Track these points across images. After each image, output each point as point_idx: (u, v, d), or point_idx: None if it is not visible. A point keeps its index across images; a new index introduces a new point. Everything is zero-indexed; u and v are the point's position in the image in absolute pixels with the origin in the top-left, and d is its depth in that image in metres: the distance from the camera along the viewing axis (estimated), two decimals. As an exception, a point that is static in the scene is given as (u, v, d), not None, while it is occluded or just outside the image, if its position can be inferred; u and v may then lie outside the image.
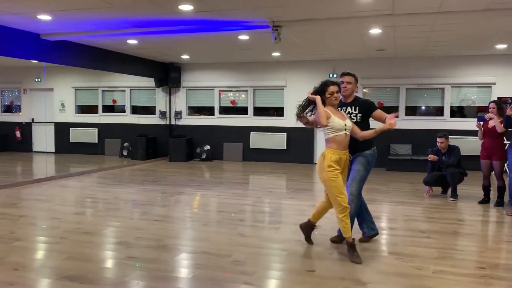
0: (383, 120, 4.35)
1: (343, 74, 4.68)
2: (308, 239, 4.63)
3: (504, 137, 6.63)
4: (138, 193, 7.50)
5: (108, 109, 13.54)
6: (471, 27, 7.46)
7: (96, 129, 13.22)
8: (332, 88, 4.24)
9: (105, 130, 13.11)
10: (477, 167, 7.01)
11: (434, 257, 4.21)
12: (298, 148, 11.77)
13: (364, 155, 4.58)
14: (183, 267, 4.03)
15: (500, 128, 6.32)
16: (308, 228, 4.64)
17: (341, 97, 4.41)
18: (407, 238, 4.89)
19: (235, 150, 12.22)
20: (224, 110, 12.60)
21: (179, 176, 9.61)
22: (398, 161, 10.58)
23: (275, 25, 7.14)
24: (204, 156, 12.29)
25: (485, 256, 4.34)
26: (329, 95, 4.24)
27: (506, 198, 6.36)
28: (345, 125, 4.20)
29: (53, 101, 13.70)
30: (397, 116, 4.38)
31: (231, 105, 12.54)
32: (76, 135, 13.44)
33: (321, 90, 4.28)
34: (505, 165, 6.51)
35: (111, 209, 6.32)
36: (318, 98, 4.18)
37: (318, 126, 4.29)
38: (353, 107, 4.58)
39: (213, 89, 12.52)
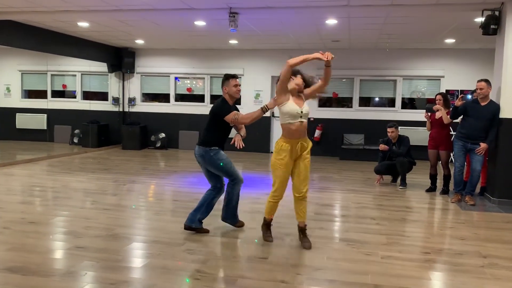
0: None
1: (236, 77, 4.66)
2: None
3: (451, 128, 6.92)
4: (88, 182, 7.26)
5: (57, 94, 12.97)
6: (422, 21, 7.68)
7: (45, 115, 12.64)
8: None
9: (54, 116, 12.56)
10: (425, 156, 7.28)
11: (383, 243, 4.34)
12: (255, 137, 11.76)
13: None
14: (134, 257, 3.94)
15: (446, 119, 6.58)
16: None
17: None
18: (357, 225, 5.01)
19: (191, 138, 12.06)
20: (180, 98, 12.40)
21: (132, 164, 9.39)
22: (350, 151, 10.83)
23: (232, 12, 7.06)
24: (158, 144, 12.06)
25: (430, 241, 4.52)
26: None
27: (451, 186, 6.65)
28: (301, 112, 4.09)
29: (-3, 84, 12.98)
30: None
31: (187, 93, 12.35)
32: (23, 121, 12.79)
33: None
34: (451, 154, 6.80)
35: (60, 198, 6.08)
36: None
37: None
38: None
39: (169, 76, 12.27)
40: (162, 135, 12.10)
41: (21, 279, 3.31)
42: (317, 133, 11.31)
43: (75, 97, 12.76)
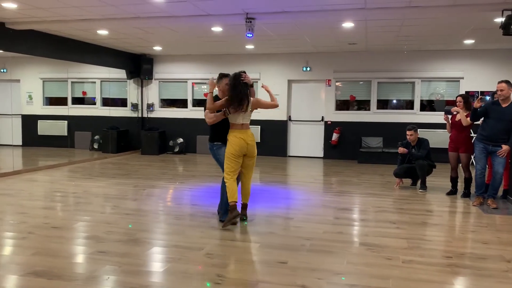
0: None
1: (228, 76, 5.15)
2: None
3: (471, 130, 6.81)
4: (109, 187, 7.37)
5: (78, 101, 13.22)
6: (440, 22, 7.61)
7: (66, 121, 12.88)
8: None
9: (75, 122, 12.79)
10: (446, 159, 7.19)
11: (403, 247, 4.30)
12: (272, 141, 11.80)
13: None
14: (155, 261, 3.99)
15: (465, 121, 6.49)
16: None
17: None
18: (377, 229, 4.97)
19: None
20: (198, 103, 12.50)
21: (151, 169, 9.49)
22: (369, 154, 10.75)
23: (248, 17, 7.11)
24: (177, 149, 12.17)
25: (452, 245, 4.46)
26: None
27: (473, 189, 6.55)
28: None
29: (20, 92, 13.26)
30: None
31: (204, 98, 12.44)
32: (44, 128, 13.06)
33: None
34: (472, 157, 6.70)
35: (81, 203, 6.18)
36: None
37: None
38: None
39: (186, 81, 12.39)
40: (180, 140, 12.22)
41: (46, 283, 3.38)
42: (335, 136, 11.27)
43: (95, 103, 12.98)
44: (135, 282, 3.42)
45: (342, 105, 11.71)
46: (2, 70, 13.09)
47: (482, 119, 6.22)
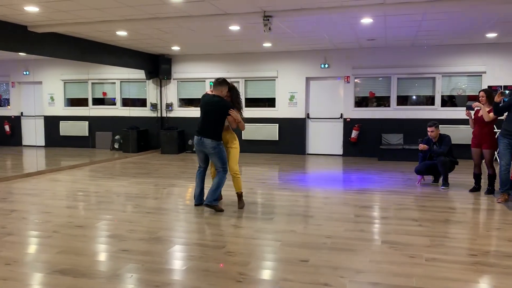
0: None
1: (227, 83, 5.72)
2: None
3: (495, 126, 6.67)
4: (130, 186, 7.46)
5: (98, 101, 13.41)
6: (462, 16, 7.46)
7: (87, 122, 13.10)
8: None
9: (95, 123, 13.00)
10: (468, 155, 7.06)
11: (426, 245, 4.24)
12: (290, 139, 11.77)
13: None
14: (177, 259, 4.02)
15: (486, 117, 6.35)
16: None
17: None
18: (399, 227, 4.91)
19: (227, 141, 12.18)
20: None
21: (171, 168, 9.57)
22: (390, 151, 10.63)
23: (266, 15, 7.09)
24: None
25: (477, 243, 4.38)
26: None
27: (497, 186, 6.41)
28: None
29: (42, 94, 13.54)
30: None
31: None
32: (66, 129, 13.31)
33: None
34: (496, 153, 6.56)
35: (103, 203, 6.27)
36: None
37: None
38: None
39: (204, 81, 12.44)
40: (199, 139, 12.27)
41: (72, 281, 3.44)
42: (354, 133, 11.17)
43: (115, 104, 13.15)
44: (157, 280, 3.45)
45: (361, 102, 11.60)
46: (24, 73, 13.39)
47: (506, 114, 6.09)
